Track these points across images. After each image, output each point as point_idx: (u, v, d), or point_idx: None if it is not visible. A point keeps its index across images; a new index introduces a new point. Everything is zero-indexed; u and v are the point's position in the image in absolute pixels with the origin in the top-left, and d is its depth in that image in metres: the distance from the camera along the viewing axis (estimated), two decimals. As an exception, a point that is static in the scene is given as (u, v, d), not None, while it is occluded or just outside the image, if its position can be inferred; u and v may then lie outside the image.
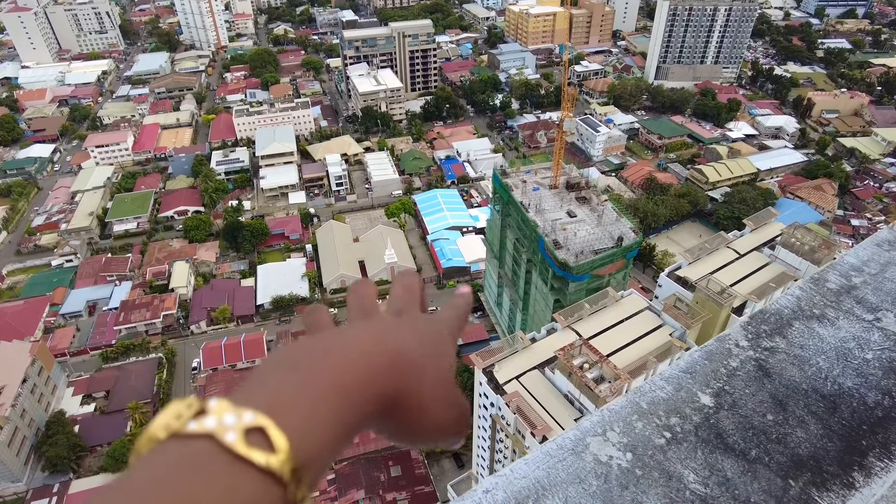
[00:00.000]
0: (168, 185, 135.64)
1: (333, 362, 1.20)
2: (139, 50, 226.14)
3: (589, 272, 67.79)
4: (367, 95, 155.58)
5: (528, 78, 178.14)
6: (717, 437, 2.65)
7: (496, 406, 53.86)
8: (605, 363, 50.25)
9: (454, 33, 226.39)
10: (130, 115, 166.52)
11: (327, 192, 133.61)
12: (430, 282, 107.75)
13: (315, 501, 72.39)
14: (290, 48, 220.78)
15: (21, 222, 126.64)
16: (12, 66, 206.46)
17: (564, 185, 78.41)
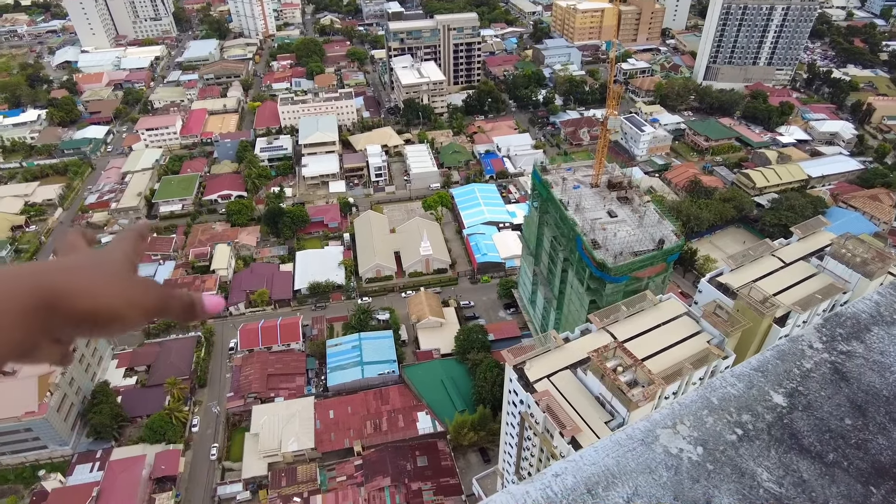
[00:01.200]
0: (213, 169, 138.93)
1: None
2: (190, 37, 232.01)
3: (627, 274, 66.63)
4: (410, 87, 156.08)
5: (573, 74, 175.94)
6: (792, 438, 2.57)
7: (525, 404, 53.54)
8: (639, 367, 49.36)
9: (499, 27, 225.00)
10: (180, 100, 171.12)
11: (366, 183, 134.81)
12: (464, 276, 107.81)
13: (342, 486, 73.57)
14: (336, 38, 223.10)
15: (75, 200, 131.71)
16: (73, 50, 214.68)
17: (606, 184, 77.15)
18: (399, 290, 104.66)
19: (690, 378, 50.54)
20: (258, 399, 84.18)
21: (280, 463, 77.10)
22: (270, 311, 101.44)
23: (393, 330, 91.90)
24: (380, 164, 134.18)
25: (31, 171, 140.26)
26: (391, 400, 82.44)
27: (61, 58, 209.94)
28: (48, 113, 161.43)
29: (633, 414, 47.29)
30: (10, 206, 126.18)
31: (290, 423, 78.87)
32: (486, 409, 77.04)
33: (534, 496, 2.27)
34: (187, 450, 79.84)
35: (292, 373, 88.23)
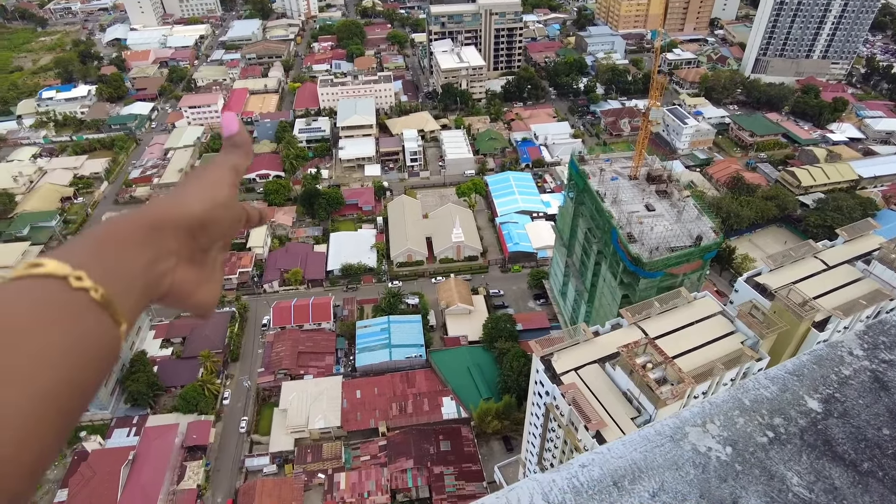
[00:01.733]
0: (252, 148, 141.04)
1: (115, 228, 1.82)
2: (234, 16, 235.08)
3: (662, 270, 65.53)
4: (449, 72, 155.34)
5: (616, 63, 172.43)
6: (825, 444, 2.53)
7: (551, 395, 53.47)
8: (669, 365, 48.78)
9: (542, 13, 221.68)
10: (222, 79, 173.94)
11: (401, 167, 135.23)
12: (494, 264, 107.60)
13: (366, 465, 74.87)
14: (377, 21, 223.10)
15: (120, 174, 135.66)
16: (123, 28, 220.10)
17: (645, 177, 75.74)
18: (429, 276, 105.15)
19: (721, 379, 49.77)
20: (288, 375, 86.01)
21: (307, 439, 78.80)
22: (303, 290, 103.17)
23: (422, 315, 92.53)
24: (415, 149, 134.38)
25: (80, 144, 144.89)
26: (417, 383, 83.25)
27: (111, 35, 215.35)
28: (98, 89, 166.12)
29: (660, 412, 46.82)
30: (61, 178, 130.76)
31: (318, 401, 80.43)
32: (511, 399, 77.18)
33: (560, 485, 2.29)
34: (218, 421, 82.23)
35: (322, 351, 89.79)
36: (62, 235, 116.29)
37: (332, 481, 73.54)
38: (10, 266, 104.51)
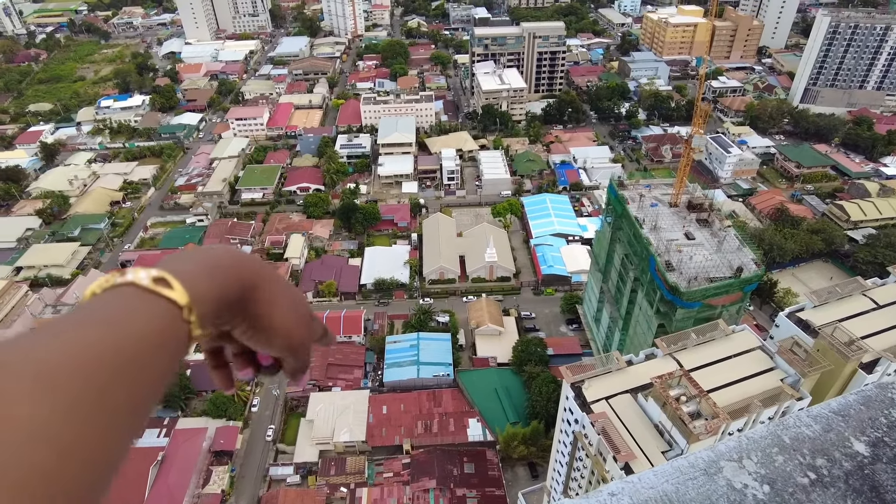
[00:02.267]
0: (294, 161, 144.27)
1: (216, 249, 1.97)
2: (283, 33, 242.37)
3: (700, 300, 63.88)
4: (490, 93, 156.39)
5: (659, 89, 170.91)
6: (872, 490, 2.36)
7: (580, 423, 52.31)
8: (704, 399, 47.30)
9: (586, 37, 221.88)
10: (269, 93, 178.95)
11: (438, 185, 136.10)
12: (527, 286, 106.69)
13: (388, 482, 74.39)
14: (422, 41, 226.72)
15: (167, 181, 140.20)
16: (178, 41, 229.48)
17: (685, 205, 74.32)
18: (461, 295, 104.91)
19: (758, 416, 47.95)
20: (316, 386, 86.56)
21: (331, 452, 78.88)
22: (336, 302, 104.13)
23: (451, 333, 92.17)
24: (453, 168, 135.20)
25: (131, 151, 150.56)
26: (444, 403, 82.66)
27: (167, 48, 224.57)
28: (151, 99, 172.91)
29: (692, 447, 45.33)
30: (112, 182, 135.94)
31: (345, 414, 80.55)
32: (539, 424, 75.84)
33: (585, 510, 2.26)
34: (245, 428, 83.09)
35: (351, 364, 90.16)
36: (109, 238, 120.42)
37: (354, 496, 73.28)
38: (88, 276, 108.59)
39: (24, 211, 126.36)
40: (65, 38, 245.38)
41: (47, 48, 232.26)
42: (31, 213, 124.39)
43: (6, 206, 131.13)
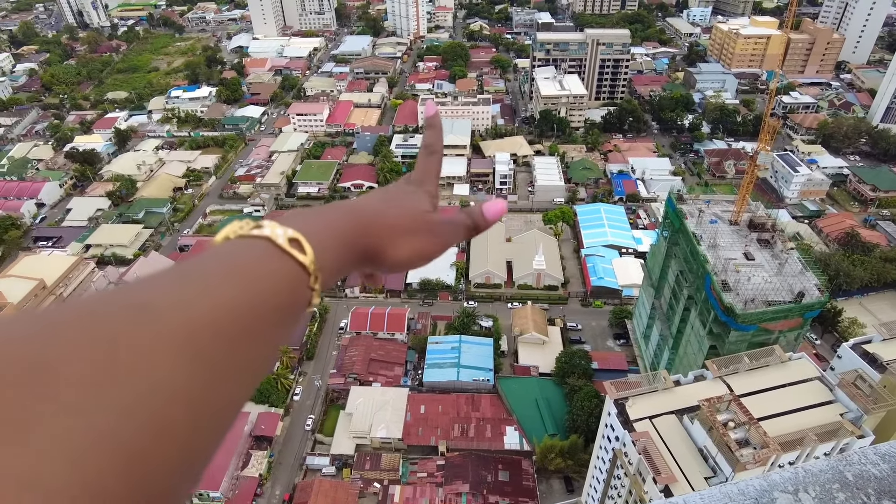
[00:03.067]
0: (350, 158, 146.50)
1: (341, 211, 1.95)
2: (347, 32, 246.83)
3: (756, 323, 61.13)
4: (549, 99, 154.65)
5: (726, 102, 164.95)
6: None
7: (621, 441, 51.01)
8: (754, 426, 45.28)
9: (651, 46, 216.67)
10: (330, 90, 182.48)
11: (490, 189, 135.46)
12: (575, 297, 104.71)
13: (421, 482, 74.32)
14: (483, 44, 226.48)
15: (227, 171, 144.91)
16: (246, 37, 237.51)
17: (747, 224, 71.31)
18: (506, 300, 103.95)
19: (813, 451, 45.46)
20: (357, 380, 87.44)
21: (367, 446, 79.48)
22: (382, 299, 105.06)
23: (494, 339, 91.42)
24: (506, 172, 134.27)
25: (196, 140, 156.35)
26: (482, 408, 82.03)
27: (236, 43, 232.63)
28: (218, 91, 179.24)
29: (738, 475, 43.42)
30: (176, 169, 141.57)
31: (383, 410, 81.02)
32: (578, 438, 74.27)
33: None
34: (286, 415, 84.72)
35: (392, 361, 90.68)
36: (170, 222, 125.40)
37: (387, 493, 73.56)
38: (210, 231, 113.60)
39: (96, 192, 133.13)
40: (143, 31, 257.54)
41: (127, 40, 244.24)
42: (102, 195, 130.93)
43: (81, 186, 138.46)
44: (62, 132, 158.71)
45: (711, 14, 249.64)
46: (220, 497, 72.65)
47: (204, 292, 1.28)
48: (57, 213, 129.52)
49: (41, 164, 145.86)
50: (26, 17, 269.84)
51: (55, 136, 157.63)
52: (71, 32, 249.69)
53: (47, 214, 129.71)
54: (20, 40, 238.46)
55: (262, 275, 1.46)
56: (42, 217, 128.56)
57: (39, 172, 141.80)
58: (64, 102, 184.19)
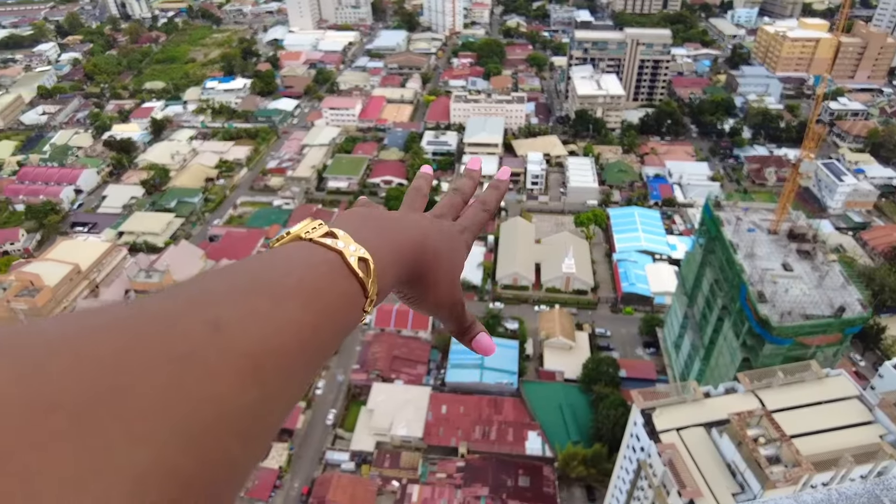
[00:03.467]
0: (381, 154, 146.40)
1: (398, 228, 1.89)
2: (382, 26, 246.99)
3: (792, 337, 58.79)
4: (585, 99, 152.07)
5: (769, 106, 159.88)
6: None
7: (646, 452, 49.64)
8: (786, 443, 43.51)
9: (693, 47, 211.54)
10: (363, 85, 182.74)
11: (521, 189, 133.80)
12: (605, 302, 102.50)
13: (440, 483, 73.59)
14: (519, 42, 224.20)
15: (259, 163, 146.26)
16: (282, 29, 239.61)
17: (786, 234, 68.64)
18: (533, 303, 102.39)
19: (849, 473, 43.40)
20: (380, 377, 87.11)
21: (387, 444, 79.08)
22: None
23: (519, 341, 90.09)
24: (538, 172, 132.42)
25: (229, 132, 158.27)
26: (504, 411, 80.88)
27: (271, 35, 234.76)
28: (252, 83, 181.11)
29: (767, 493, 41.77)
30: (208, 160, 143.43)
31: (404, 408, 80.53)
32: (602, 447, 72.61)
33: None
34: (308, 409, 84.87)
35: (415, 360, 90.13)
36: (201, 212, 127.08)
37: (405, 492, 73.03)
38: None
39: (131, 180, 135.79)
40: (182, 23, 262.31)
41: (167, 31, 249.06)
42: (137, 183, 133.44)
43: (117, 174, 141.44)
44: (101, 120, 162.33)
45: (757, 15, 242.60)
46: (239, 487, 73.04)
47: (274, 310, 1.22)
48: (93, 200, 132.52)
49: (81, 152, 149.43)
50: (73, 9, 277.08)
51: (95, 125, 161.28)
52: (114, 23, 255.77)
53: (84, 201, 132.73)
54: (66, 30, 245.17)
55: (328, 294, 1.41)
56: (79, 203, 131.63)
57: (79, 159, 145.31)
58: (104, 92, 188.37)
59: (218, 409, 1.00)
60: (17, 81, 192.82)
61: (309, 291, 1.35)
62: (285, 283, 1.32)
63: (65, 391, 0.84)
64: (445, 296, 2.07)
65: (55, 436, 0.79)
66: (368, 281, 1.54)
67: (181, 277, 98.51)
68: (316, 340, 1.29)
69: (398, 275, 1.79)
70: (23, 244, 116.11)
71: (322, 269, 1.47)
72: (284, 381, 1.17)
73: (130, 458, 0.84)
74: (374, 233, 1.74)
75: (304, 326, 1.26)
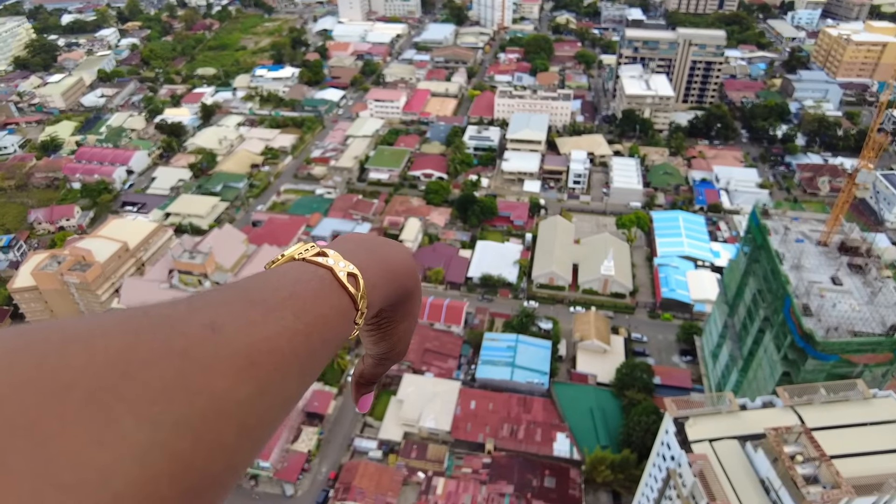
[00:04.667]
0: (423, 147, 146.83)
1: (390, 252, 2.04)
2: (431, 19, 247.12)
3: (837, 354, 56.50)
4: (633, 98, 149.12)
5: (826, 113, 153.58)
6: None
7: (676, 461, 48.69)
8: (825, 463, 41.90)
9: (748, 49, 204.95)
10: (408, 78, 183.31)
11: (562, 187, 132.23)
12: (643, 307, 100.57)
13: (465, 478, 73.69)
14: (568, 38, 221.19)
15: (303, 152, 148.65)
16: (332, 20, 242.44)
17: (837, 246, 65.94)
18: (568, 304, 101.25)
19: (892, 499, 41.64)
20: (411, 368, 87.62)
21: (415, 435, 79.59)
22: (441, 290, 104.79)
23: (552, 342, 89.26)
24: (581, 171, 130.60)
25: (276, 120, 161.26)
26: (533, 411, 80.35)
27: (321, 26, 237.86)
28: (300, 72, 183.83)
29: (803, 515, 40.41)
30: (255, 146, 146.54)
31: (433, 401, 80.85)
32: (631, 453, 71.46)
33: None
34: (339, 395, 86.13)
35: (447, 354, 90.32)
36: (245, 198, 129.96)
37: (430, 484, 73.38)
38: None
39: (179, 164, 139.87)
40: (235, 11, 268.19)
41: (220, 19, 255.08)
42: (185, 166, 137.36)
43: (167, 157, 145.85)
44: (154, 104, 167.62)
45: (820, 17, 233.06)
46: (269, 467, 74.78)
47: (267, 318, 1.37)
48: (143, 181, 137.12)
49: (134, 134, 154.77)
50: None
51: (148, 108, 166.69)
52: (171, 10, 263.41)
53: (135, 181, 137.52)
54: (127, 17, 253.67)
55: (319, 306, 1.55)
56: (130, 184, 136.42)
57: (132, 141, 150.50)
58: (159, 76, 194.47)
59: (214, 399, 1.14)
60: (80, 65, 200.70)
61: (300, 303, 1.50)
62: (277, 296, 1.48)
63: (79, 375, 0.98)
64: (411, 329, 2.23)
65: (71, 410, 0.94)
66: (358, 295, 1.70)
67: (223, 260, 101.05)
68: (308, 346, 1.43)
69: (387, 293, 1.91)
70: (77, 221, 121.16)
71: (312, 284, 1.63)
72: (279, 380, 1.32)
73: (135, 434, 0.98)
74: (366, 254, 1.88)
75: (296, 333, 1.41)
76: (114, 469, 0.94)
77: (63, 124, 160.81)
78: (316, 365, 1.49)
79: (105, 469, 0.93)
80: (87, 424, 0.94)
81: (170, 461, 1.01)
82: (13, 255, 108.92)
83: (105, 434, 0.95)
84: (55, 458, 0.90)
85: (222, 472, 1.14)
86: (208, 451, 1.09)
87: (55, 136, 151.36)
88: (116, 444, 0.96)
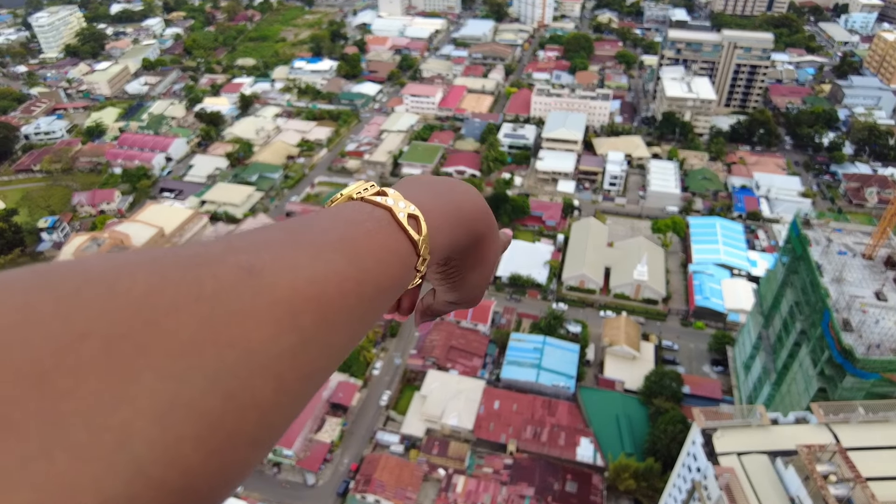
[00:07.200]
0: (457, 144, 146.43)
1: (456, 192, 1.84)
2: (470, 15, 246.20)
3: (878, 372, 54.35)
4: (674, 101, 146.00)
5: (878, 121, 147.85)
6: None
7: (702, 473, 47.55)
8: (861, 485, 40.27)
9: (797, 53, 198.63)
10: (445, 74, 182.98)
11: (597, 189, 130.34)
12: (675, 314, 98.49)
13: (486, 477, 73.41)
14: (609, 38, 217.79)
15: (338, 144, 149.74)
16: (371, 14, 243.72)
17: (884, 260, 63.36)
18: (598, 308, 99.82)
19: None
20: (435, 365, 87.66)
21: (437, 432, 79.59)
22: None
23: (580, 345, 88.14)
24: (617, 173, 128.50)
25: (313, 112, 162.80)
26: (558, 414, 79.52)
27: (360, 20, 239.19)
28: (338, 65, 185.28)
29: (835, 538, 38.97)
30: (291, 138, 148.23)
31: (457, 398, 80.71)
32: (655, 462, 70.14)
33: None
34: (364, 387, 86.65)
35: (472, 352, 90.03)
36: (279, 188, 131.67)
37: (451, 481, 73.31)
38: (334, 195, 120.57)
39: (217, 152, 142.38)
40: (277, 3, 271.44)
41: (262, 10, 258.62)
42: (222, 155, 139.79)
43: (205, 145, 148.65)
44: (195, 93, 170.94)
45: (876, 21, 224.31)
46: (291, 455, 75.71)
47: (314, 262, 1.21)
48: (181, 168, 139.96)
49: (174, 122, 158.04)
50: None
51: (188, 97, 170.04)
52: (214, 1, 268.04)
53: (173, 168, 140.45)
54: (172, 7, 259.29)
55: (375, 249, 1.39)
56: (169, 171, 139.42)
57: (171, 129, 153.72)
58: (200, 66, 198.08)
59: (249, 352, 0.99)
60: (126, 53, 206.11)
61: (353, 245, 1.33)
62: (327, 237, 1.31)
63: (97, 320, 0.86)
64: (485, 278, 2.06)
65: (86, 362, 0.82)
66: (420, 239, 1.53)
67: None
68: (359, 294, 1.26)
69: (453, 237, 1.74)
70: (117, 205, 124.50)
71: (368, 226, 1.45)
72: (325, 331, 1.15)
73: (156, 391, 0.87)
74: (430, 195, 1.70)
75: (347, 279, 1.24)
76: (131, 430, 0.83)
77: (108, 111, 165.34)
78: (369, 316, 1.31)
79: (121, 429, 0.82)
80: (102, 379, 0.83)
81: (195, 421, 0.90)
82: (57, 235, 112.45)
83: (122, 390, 0.85)
84: (66, 416, 0.79)
85: (256, 431, 1.00)
86: (240, 411, 0.96)
87: (100, 122, 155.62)
88: (135, 402, 0.85)
